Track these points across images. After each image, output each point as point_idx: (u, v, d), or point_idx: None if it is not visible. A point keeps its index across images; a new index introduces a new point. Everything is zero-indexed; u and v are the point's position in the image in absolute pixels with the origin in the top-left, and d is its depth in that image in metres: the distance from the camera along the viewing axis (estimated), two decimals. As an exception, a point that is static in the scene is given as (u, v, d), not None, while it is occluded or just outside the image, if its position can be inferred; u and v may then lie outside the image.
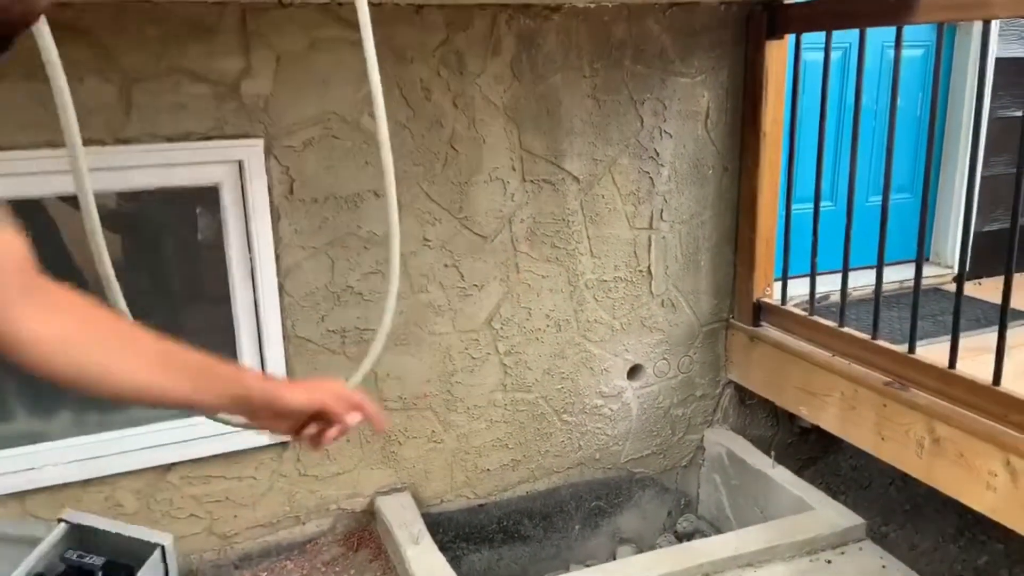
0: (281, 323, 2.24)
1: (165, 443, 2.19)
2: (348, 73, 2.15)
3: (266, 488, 2.32)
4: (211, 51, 2.00)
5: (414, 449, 2.50)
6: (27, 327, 0.76)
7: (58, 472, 2.07)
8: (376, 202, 2.27)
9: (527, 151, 2.41)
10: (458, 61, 2.27)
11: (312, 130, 2.16)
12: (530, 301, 2.54)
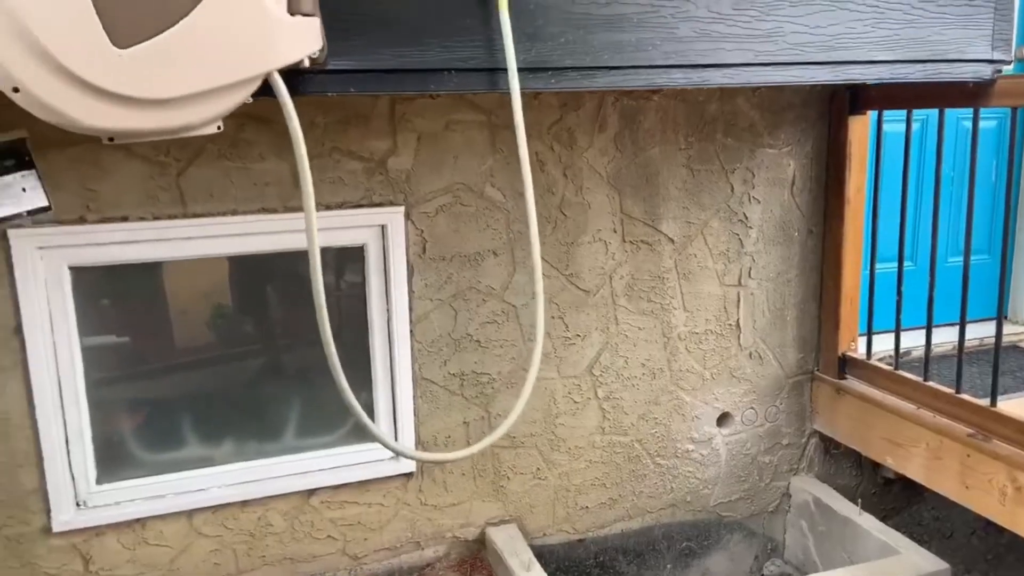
0: (411, 366, 2.53)
1: (310, 470, 2.48)
2: (475, 149, 2.48)
3: (392, 515, 2.59)
4: (365, 134, 2.35)
5: (520, 484, 2.73)
6: None
7: (221, 493, 2.39)
8: (493, 260, 2.56)
9: (627, 215, 2.68)
10: (569, 137, 2.57)
11: (443, 198, 2.47)
12: (627, 351, 2.78)
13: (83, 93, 1.17)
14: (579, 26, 1.80)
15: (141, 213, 2.19)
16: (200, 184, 2.23)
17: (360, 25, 1.64)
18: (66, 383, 2.20)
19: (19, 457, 2.18)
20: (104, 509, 2.28)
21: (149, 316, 2.40)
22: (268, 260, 2.42)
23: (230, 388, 2.51)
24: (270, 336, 2.56)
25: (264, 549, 2.46)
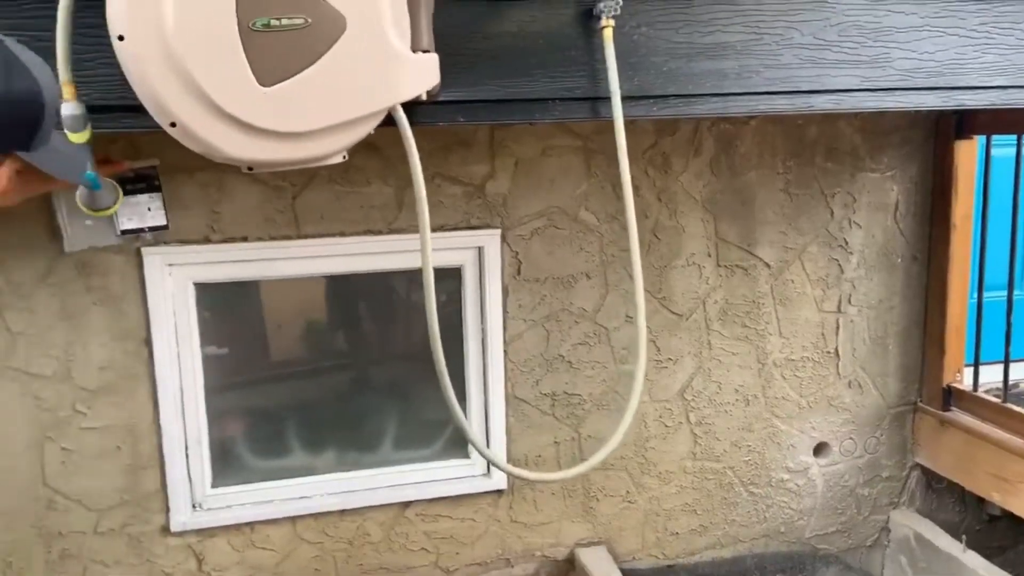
0: (504, 384, 2.58)
1: (406, 483, 2.56)
2: (570, 174, 2.53)
3: (483, 531, 2.64)
4: (466, 159, 2.43)
5: (610, 506, 2.74)
6: None
7: (323, 501, 2.49)
8: (586, 282, 2.60)
9: (722, 239, 2.68)
10: (663, 161, 2.59)
11: (538, 221, 2.53)
12: (720, 376, 2.76)
13: (230, 127, 1.28)
14: (681, 55, 1.83)
15: (259, 234, 2.34)
16: (312, 207, 2.36)
17: (470, 59, 1.72)
18: (187, 391, 2.35)
19: (143, 459, 2.34)
20: (217, 512, 2.41)
21: (250, 329, 2.54)
22: (362, 278, 2.52)
23: (331, 400, 2.62)
24: (366, 351, 2.67)
25: (362, 558, 2.55)
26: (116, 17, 1.21)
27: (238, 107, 1.26)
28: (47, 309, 2.21)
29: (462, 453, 2.64)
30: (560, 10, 1.76)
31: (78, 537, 2.32)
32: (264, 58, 1.26)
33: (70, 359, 2.24)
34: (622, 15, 1.72)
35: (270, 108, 1.28)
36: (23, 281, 2.18)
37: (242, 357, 2.51)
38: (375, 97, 1.37)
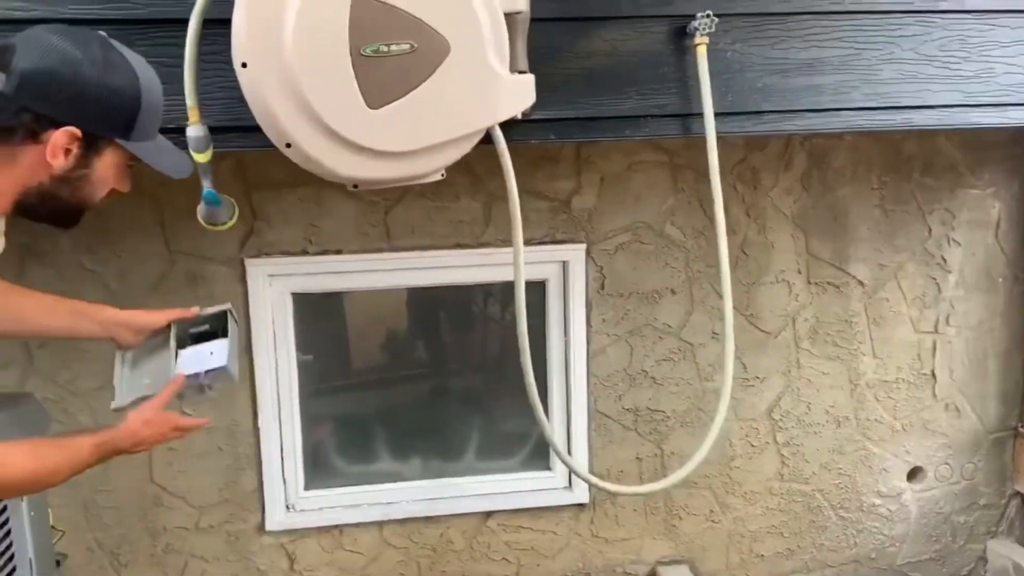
0: (586, 398, 2.60)
1: (488, 493, 2.60)
2: (656, 189, 2.53)
3: (564, 544, 2.66)
4: (552, 175, 2.47)
5: (693, 525, 2.71)
6: None
7: (409, 507, 2.56)
8: (671, 298, 2.59)
9: (813, 256, 2.62)
10: (753, 176, 2.56)
11: (623, 236, 2.54)
12: (810, 396, 2.69)
13: (340, 147, 1.35)
14: (777, 70, 1.82)
15: (353, 247, 2.43)
16: (404, 221, 2.44)
17: (562, 78, 1.76)
18: (284, 397, 2.45)
19: (243, 461, 2.45)
20: (309, 513, 2.51)
21: (333, 337, 2.63)
22: (442, 290, 2.58)
23: (415, 409, 2.69)
24: (447, 361, 2.73)
25: (445, 565, 2.60)
26: (240, 46, 1.30)
27: (348, 128, 1.33)
28: (159, 316, 2.35)
29: (544, 465, 2.66)
30: (652, 28, 1.78)
31: (181, 532, 2.45)
32: (373, 82, 1.32)
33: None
34: (716, 31, 1.73)
35: (377, 129, 1.35)
36: (137, 289, 2.33)
37: (326, 364, 2.60)
38: (475, 117, 1.42)
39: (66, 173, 1.16)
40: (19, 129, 1.09)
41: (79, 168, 1.17)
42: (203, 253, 2.35)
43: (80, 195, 1.21)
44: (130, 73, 1.19)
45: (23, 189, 1.15)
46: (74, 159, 1.15)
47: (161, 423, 1.39)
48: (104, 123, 1.16)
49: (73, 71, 1.10)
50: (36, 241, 2.26)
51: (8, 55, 1.08)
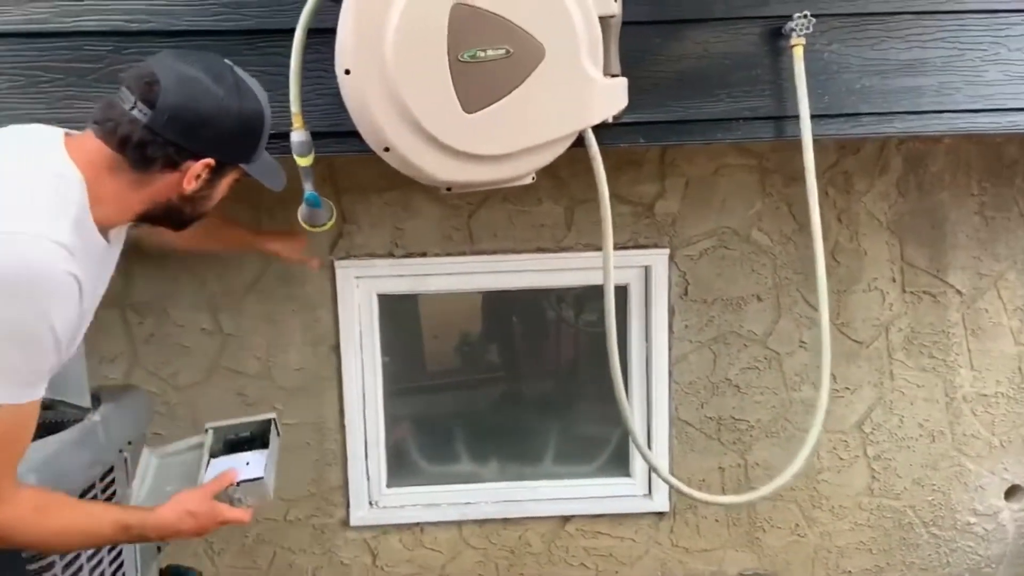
0: (668, 406, 2.57)
1: (566, 497, 2.60)
2: (743, 193, 2.48)
3: (643, 552, 2.63)
4: (636, 179, 2.46)
5: (777, 538, 2.64)
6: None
7: (486, 509, 2.58)
8: (757, 305, 2.54)
9: (908, 263, 2.53)
10: (845, 181, 2.49)
11: (708, 241, 2.51)
12: (903, 409, 2.59)
13: (436, 151, 1.38)
14: (876, 71, 1.77)
15: (437, 249, 2.47)
16: (486, 225, 2.47)
17: (652, 80, 1.75)
18: (369, 395, 2.51)
19: (329, 457, 2.52)
20: (391, 511, 2.56)
21: (409, 339, 2.67)
22: (517, 293, 2.59)
23: (493, 411, 2.72)
24: (523, 365, 2.74)
25: (523, 567, 2.61)
26: (344, 53, 1.35)
27: (445, 133, 1.36)
28: (254, 314, 2.45)
29: (623, 471, 2.64)
30: (745, 29, 1.76)
31: (270, 524, 2.54)
32: (469, 87, 1.35)
33: (271, 360, 2.47)
34: (812, 32, 1.70)
35: (473, 133, 1.37)
36: (235, 288, 2.43)
37: (403, 366, 2.64)
38: (568, 121, 1.43)
39: (193, 193, 1.24)
40: (160, 159, 1.17)
41: (205, 190, 1.26)
42: (295, 254, 2.44)
43: (200, 210, 1.31)
44: (256, 101, 1.26)
45: (151, 205, 1.23)
46: (203, 182, 1.23)
47: (207, 517, 1.32)
48: (236, 152, 1.25)
49: (215, 108, 1.17)
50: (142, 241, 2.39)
51: (154, 90, 1.14)
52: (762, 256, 2.52)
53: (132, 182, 1.19)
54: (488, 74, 1.35)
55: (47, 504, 1.21)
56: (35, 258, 1.05)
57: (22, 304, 1.04)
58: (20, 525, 1.18)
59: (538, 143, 1.42)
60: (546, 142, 1.43)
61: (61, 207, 1.12)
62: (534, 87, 1.36)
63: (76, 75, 1.63)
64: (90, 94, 1.64)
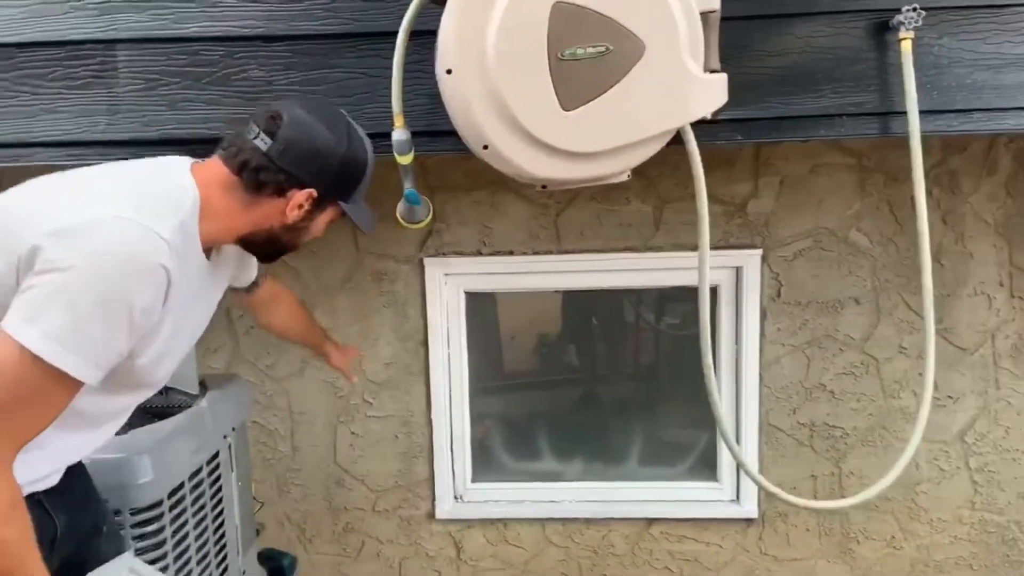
0: (758, 410, 2.51)
1: (650, 500, 2.58)
2: (841, 193, 2.40)
3: (729, 558, 2.58)
4: (729, 178, 2.41)
5: (872, 550, 2.55)
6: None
7: (570, 508, 2.58)
8: (855, 308, 2.45)
9: (1017, 267, 2.39)
10: (950, 180, 2.38)
11: (803, 242, 2.44)
12: (1009, 420, 2.46)
13: (534, 149, 1.39)
14: (988, 66, 1.69)
15: (524, 248, 2.49)
16: (574, 224, 2.47)
17: (751, 76, 1.72)
18: (455, 390, 2.56)
19: (415, 450, 2.58)
20: (475, 505, 2.59)
21: (487, 338, 2.69)
22: (596, 294, 2.58)
23: (576, 411, 2.72)
24: (603, 366, 2.73)
25: (606, 568, 2.60)
26: (446, 53, 1.37)
27: (543, 130, 1.37)
28: (346, 309, 2.52)
29: (710, 476, 2.60)
30: (850, 23, 1.71)
31: (359, 513, 2.61)
32: (568, 84, 1.36)
33: (362, 354, 2.54)
34: (921, 25, 1.63)
35: (570, 131, 1.38)
36: (330, 284, 2.51)
37: (484, 364, 2.66)
38: (667, 117, 1.42)
39: (294, 223, 1.31)
40: (271, 184, 1.26)
41: (304, 221, 1.33)
42: (387, 252, 2.50)
43: (296, 241, 1.37)
44: (363, 150, 1.35)
45: (253, 229, 1.31)
46: (304, 213, 1.31)
47: None
48: (337, 189, 1.33)
49: (326, 146, 1.28)
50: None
51: (277, 123, 1.25)
52: (860, 258, 2.43)
53: (242, 203, 1.28)
54: (587, 71, 1.35)
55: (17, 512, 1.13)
56: (133, 241, 1.12)
57: (113, 281, 1.09)
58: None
59: (635, 140, 1.42)
60: (643, 139, 1.42)
61: (171, 209, 1.21)
62: (633, 84, 1.36)
63: (192, 78, 1.72)
64: (204, 96, 1.72)
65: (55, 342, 1.07)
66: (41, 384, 1.09)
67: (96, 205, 1.16)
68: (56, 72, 1.74)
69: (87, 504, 1.44)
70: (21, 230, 1.11)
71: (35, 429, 1.14)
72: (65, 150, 1.77)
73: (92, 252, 1.09)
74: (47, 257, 1.08)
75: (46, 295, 1.07)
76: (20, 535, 1.13)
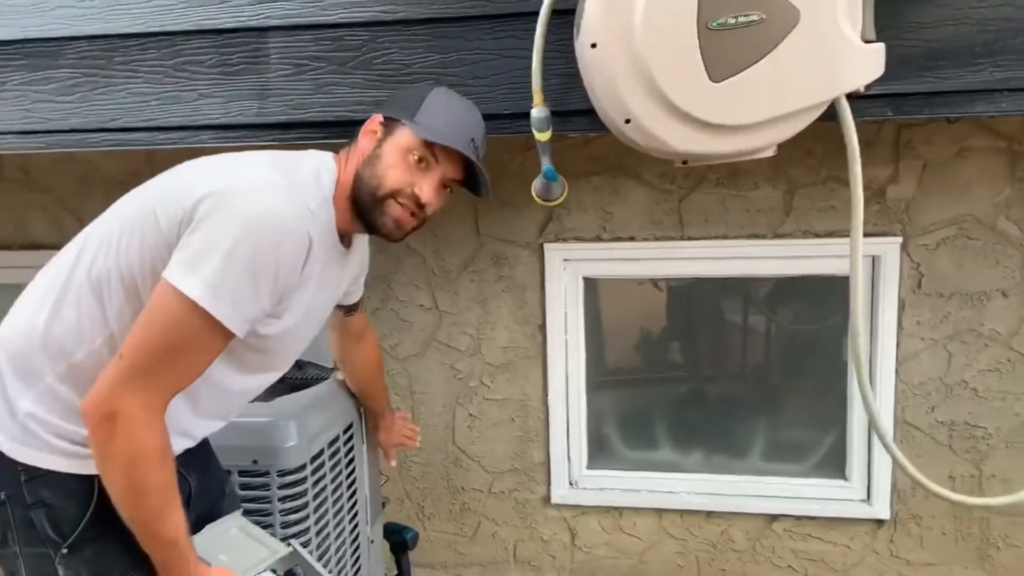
0: (893, 407, 2.39)
1: (773, 495, 2.50)
2: (989, 178, 2.25)
3: (857, 560, 2.47)
4: (867, 161, 2.27)
5: (1015, 558, 2.38)
6: None
7: (689, 499, 2.53)
8: (1002, 301, 2.29)
9: None
10: (1117, 164, 2.19)
11: (946, 230, 2.30)
12: None
13: (678, 122, 1.37)
14: None
15: (645, 234, 2.46)
16: (697, 210, 2.42)
17: (903, 48, 1.63)
18: (572, 375, 2.55)
19: (531, 433, 2.59)
20: (590, 492, 2.58)
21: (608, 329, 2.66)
22: (710, 283, 2.52)
23: (696, 401, 2.66)
24: (728, 358, 2.65)
25: (724, 563, 2.54)
26: (591, 27, 1.37)
27: (689, 103, 1.35)
28: (467, 293, 2.56)
29: (838, 474, 2.49)
30: (1015, -9, 1.59)
31: (475, 494, 2.65)
32: (717, 55, 1.33)
33: (480, 337, 2.57)
34: (1101, -11, 1.50)
35: (718, 103, 1.35)
36: (451, 268, 2.56)
37: (600, 353, 2.63)
38: (821, 88, 1.37)
39: (371, 153, 1.35)
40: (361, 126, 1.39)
41: (377, 148, 1.36)
42: (507, 237, 2.52)
43: (376, 174, 1.33)
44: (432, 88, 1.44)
45: (353, 178, 1.35)
46: (376, 140, 1.36)
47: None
48: (400, 108, 1.38)
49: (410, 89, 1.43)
50: (371, 222, 2.58)
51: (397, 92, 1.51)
52: (1009, 248, 2.27)
53: (350, 155, 1.38)
54: (737, 41, 1.32)
55: (167, 459, 1.18)
56: (282, 205, 1.19)
57: (265, 239, 1.15)
58: (136, 450, 1.13)
59: (786, 112, 1.37)
60: (795, 111, 1.37)
61: (316, 186, 1.30)
62: (786, 53, 1.31)
63: (337, 63, 1.78)
64: (348, 80, 1.79)
65: (211, 291, 1.13)
66: (196, 333, 1.14)
67: (253, 172, 1.25)
68: (212, 59, 1.84)
69: (213, 468, 1.53)
70: (186, 193, 1.19)
71: (186, 378, 1.19)
72: (219, 133, 1.87)
73: (247, 211, 1.15)
74: (205, 215, 1.16)
75: (204, 248, 1.14)
76: (166, 482, 1.18)
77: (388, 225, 1.35)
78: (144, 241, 1.19)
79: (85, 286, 1.21)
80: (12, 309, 1.28)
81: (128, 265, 1.19)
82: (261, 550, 1.39)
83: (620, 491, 2.58)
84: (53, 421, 1.21)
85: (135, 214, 1.22)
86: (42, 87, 1.91)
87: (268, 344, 1.30)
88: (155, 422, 1.15)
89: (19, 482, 1.20)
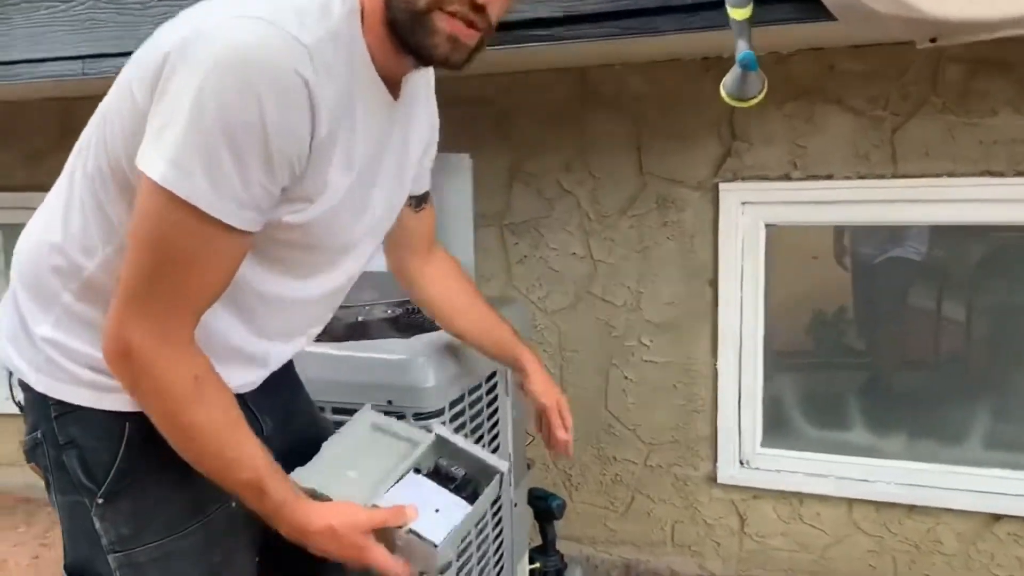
0: None
1: (996, 491, 2.05)
2: None
3: (1111, 581, 1.98)
4: None
5: None
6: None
7: (887, 490, 2.13)
8: None
9: None
10: None
11: None
12: None
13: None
14: None
15: (847, 172, 2.07)
16: (916, 141, 2.00)
17: None
18: (747, 337, 2.21)
19: (697, 403, 2.28)
20: (765, 473, 2.24)
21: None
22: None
23: (898, 375, 2.25)
24: (940, 326, 2.21)
25: (929, 567, 2.12)
26: None
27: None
28: (625, 240, 2.28)
29: (1088, 472, 2.00)
30: None
31: (629, 466, 2.38)
32: None
33: (640, 291, 2.29)
34: None
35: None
36: (609, 212, 2.28)
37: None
38: None
39: None
40: None
41: None
42: (675, 176, 2.21)
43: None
44: None
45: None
46: None
47: (351, 549, 1.01)
48: None
49: None
50: (523, 161, 2.34)
51: None
52: None
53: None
54: None
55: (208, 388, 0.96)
56: (256, 42, 0.86)
57: (227, 87, 0.85)
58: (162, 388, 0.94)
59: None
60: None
61: (320, 13, 0.92)
62: None
63: None
64: None
65: (175, 167, 0.85)
66: (186, 232, 0.88)
67: (225, 8, 0.91)
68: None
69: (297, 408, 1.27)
70: (153, 52, 0.92)
71: (203, 293, 0.94)
72: None
73: (211, 58, 0.85)
74: (170, 73, 0.88)
75: (166, 114, 0.87)
76: (215, 417, 0.95)
77: (441, 47, 0.97)
78: (123, 124, 0.94)
79: (85, 189, 1.00)
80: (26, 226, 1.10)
81: (115, 157, 0.95)
82: (398, 447, 1.15)
83: (802, 475, 2.21)
84: (75, 347, 1.01)
85: (114, 92, 0.98)
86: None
87: (308, 237, 1.00)
88: (178, 352, 0.93)
89: (50, 418, 1.03)
